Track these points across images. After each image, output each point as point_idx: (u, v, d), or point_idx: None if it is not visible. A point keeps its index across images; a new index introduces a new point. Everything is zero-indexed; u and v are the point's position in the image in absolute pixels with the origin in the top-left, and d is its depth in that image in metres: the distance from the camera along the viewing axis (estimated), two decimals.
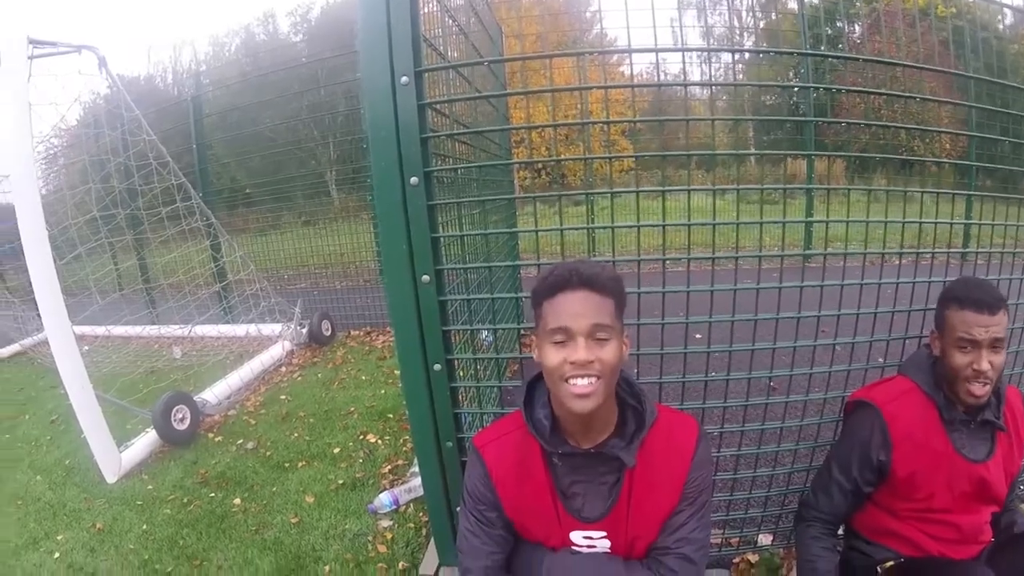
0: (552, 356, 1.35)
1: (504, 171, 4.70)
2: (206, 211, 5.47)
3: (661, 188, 2.10)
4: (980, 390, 1.66)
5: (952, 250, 2.29)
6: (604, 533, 1.51)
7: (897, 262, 2.22)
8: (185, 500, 3.42)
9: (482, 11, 3.82)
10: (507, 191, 4.87)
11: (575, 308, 1.34)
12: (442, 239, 1.96)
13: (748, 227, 2.14)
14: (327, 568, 2.70)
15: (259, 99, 9.05)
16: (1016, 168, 2.74)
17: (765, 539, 2.57)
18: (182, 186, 5.17)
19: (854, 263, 2.22)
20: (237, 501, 3.34)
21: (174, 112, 9.20)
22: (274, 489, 3.42)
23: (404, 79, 1.81)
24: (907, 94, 2.71)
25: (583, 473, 1.49)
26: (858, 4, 18.19)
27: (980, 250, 2.34)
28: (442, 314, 1.97)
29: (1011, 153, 2.85)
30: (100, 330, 6.12)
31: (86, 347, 4.57)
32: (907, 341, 2.22)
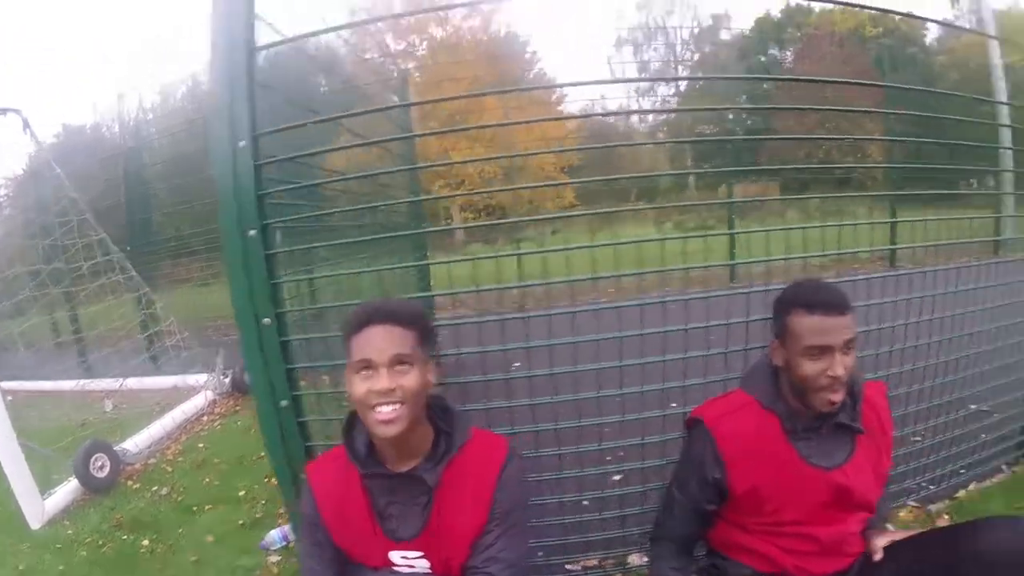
0: (358, 386, 1.46)
1: (408, 214, 4.90)
2: (125, 265, 5.59)
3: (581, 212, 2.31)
4: (837, 396, 1.57)
5: (805, 255, 2.43)
6: (420, 553, 1.59)
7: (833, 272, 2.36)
8: (100, 543, 3.51)
9: (377, 63, 4.04)
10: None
11: (377, 341, 1.46)
12: (283, 284, 2.14)
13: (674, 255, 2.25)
14: None
15: (203, 146, 9.16)
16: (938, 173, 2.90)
17: (637, 559, 2.59)
18: (102, 241, 5.31)
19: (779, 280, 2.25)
20: (146, 542, 3.43)
21: (118, 162, 9.27)
22: (181, 531, 3.52)
23: (242, 143, 1.99)
24: (823, 107, 2.94)
25: (397, 495, 1.58)
26: (789, 30, 18.81)
27: (865, 249, 2.39)
28: (285, 353, 2.14)
29: (949, 159, 2.92)
30: (29, 385, 6.21)
31: (9, 398, 4.64)
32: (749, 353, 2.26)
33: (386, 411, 1.44)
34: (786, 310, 1.62)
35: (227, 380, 6.08)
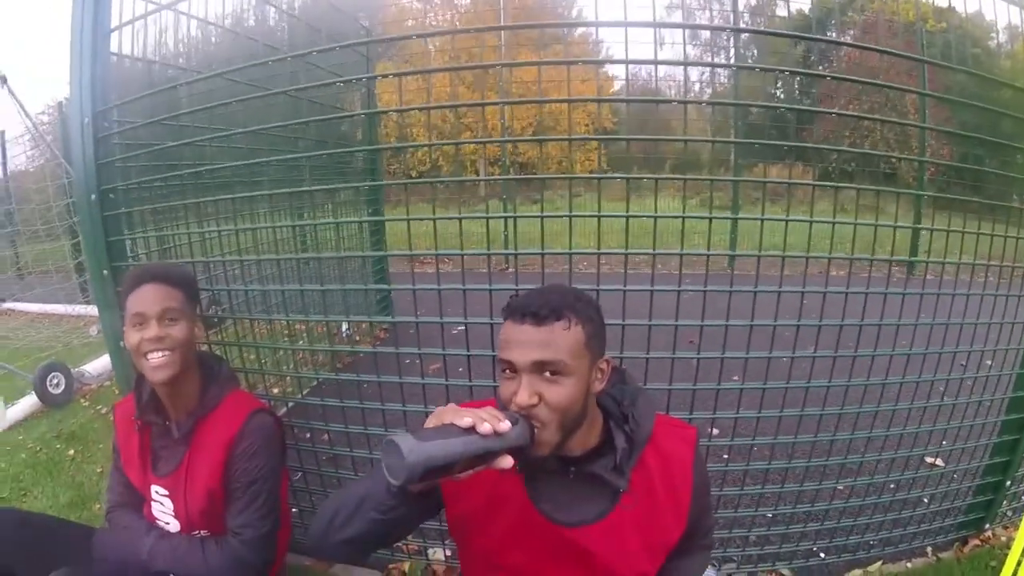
0: (132, 337, 1.69)
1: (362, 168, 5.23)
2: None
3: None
4: (544, 435, 1.19)
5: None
6: (167, 492, 1.85)
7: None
8: (39, 449, 4.05)
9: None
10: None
11: (148, 297, 1.70)
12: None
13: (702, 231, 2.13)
14: (97, 507, 3.29)
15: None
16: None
17: (439, 553, 2.67)
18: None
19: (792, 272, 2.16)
20: (71, 452, 3.96)
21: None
22: (101, 446, 4.02)
23: (86, 120, 2.34)
24: (865, 80, 2.84)
25: (165, 440, 1.86)
26: (850, 13, 18.11)
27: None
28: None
29: (999, 169, 2.65)
30: (32, 307, 6.87)
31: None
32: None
33: (156, 357, 1.68)
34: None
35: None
